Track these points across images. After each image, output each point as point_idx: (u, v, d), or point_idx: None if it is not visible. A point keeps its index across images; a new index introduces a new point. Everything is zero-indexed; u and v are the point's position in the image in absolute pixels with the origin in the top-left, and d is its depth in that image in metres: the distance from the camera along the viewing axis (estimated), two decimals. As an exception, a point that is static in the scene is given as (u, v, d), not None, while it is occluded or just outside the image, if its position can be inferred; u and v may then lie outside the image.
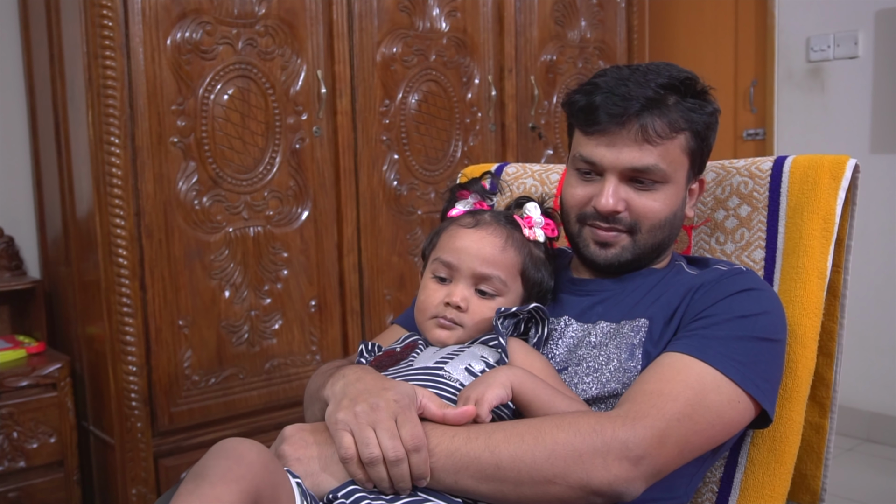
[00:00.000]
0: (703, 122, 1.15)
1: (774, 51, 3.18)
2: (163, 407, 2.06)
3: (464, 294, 1.08)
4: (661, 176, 1.13)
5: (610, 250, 1.17)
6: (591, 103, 1.14)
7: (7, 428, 2.02)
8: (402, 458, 0.90)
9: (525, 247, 1.13)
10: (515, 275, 1.11)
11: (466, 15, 2.54)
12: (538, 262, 1.14)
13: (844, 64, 2.97)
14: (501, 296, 1.10)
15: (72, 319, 2.23)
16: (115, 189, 1.94)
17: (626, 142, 1.12)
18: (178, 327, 2.07)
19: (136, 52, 1.96)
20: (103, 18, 1.90)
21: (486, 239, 1.10)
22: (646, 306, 1.14)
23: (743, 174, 1.33)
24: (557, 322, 1.18)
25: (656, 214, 1.15)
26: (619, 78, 1.14)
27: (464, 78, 2.56)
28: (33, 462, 2.05)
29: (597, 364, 1.10)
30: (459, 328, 1.08)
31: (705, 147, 1.19)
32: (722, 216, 1.34)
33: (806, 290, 1.19)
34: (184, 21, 2.02)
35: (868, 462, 2.80)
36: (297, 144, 2.23)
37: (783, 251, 1.25)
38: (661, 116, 1.12)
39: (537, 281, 1.14)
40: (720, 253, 1.33)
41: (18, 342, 2.20)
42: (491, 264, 1.09)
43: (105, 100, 1.92)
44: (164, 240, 2.03)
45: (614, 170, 1.13)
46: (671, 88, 1.14)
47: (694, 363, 1.01)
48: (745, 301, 1.08)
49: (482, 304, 1.09)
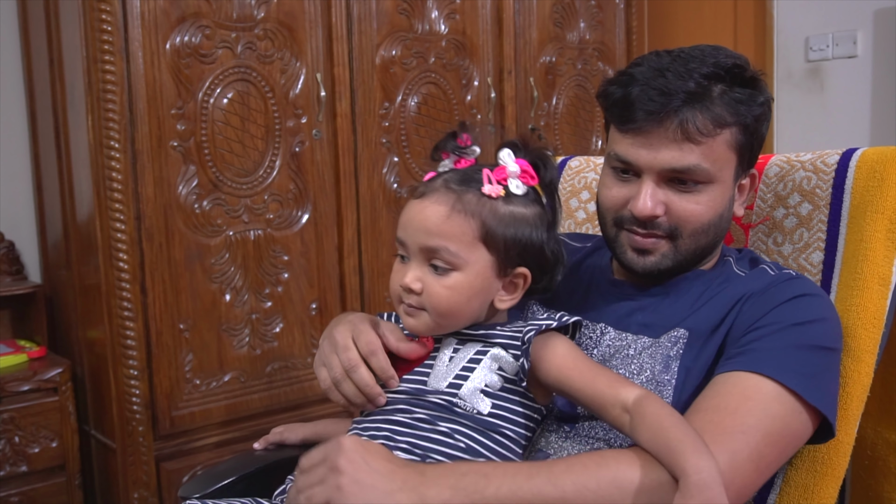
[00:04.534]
0: (752, 115, 1.04)
1: (773, 50, 3.18)
2: (164, 410, 2.06)
3: (416, 274, 0.96)
4: (704, 176, 1.03)
5: (649, 258, 1.07)
6: (627, 98, 1.03)
7: (8, 432, 2.02)
8: (355, 363, 0.96)
9: (482, 207, 0.95)
10: (472, 243, 0.95)
11: (465, 17, 2.54)
12: (510, 220, 0.96)
13: (843, 63, 2.97)
14: (458, 269, 0.95)
15: (73, 323, 2.23)
16: (115, 193, 1.94)
17: (664, 140, 1.01)
18: (178, 331, 2.07)
19: (136, 56, 1.96)
20: (102, 23, 1.90)
21: (430, 208, 0.96)
22: (687, 314, 1.06)
23: (807, 169, 1.21)
24: (594, 329, 1.10)
25: (699, 218, 1.04)
26: (657, 68, 1.03)
27: (463, 80, 2.56)
28: (35, 466, 2.05)
29: (628, 372, 1.03)
30: (424, 312, 0.97)
31: (756, 140, 1.07)
32: (781, 215, 1.22)
33: (864, 297, 1.07)
34: (183, 25, 2.03)
35: None
36: (297, 147, 2.23)
37: (843, 255, 1.14)
38: (703, 111, 1.01)
39: (517, 241, 0.96)
40: (777, 255, 1.22)
41: (19, 346, 2.20)
42: (435, 235, 0.95)
43: (105, 104, 1.92)
44: (165, 243, 2.03)
45: (652, 171, 1.03)
46: (716, 78, 1.02)
47: (751, 377, 0.93)
48: (798, 308, 1.00)
49: (438, 281, 0.95)
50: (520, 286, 0.99)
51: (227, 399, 2.16)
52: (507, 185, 0.96)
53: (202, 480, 1.21)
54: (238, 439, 2.14)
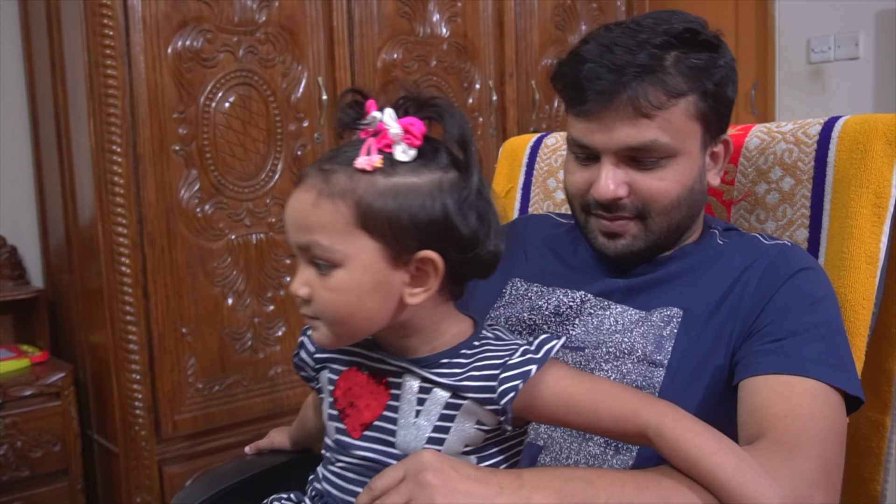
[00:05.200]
0: (712, 80, 0.98)
1: (775, 53, 3.18)
2: (166, 415, 2.06)
3: (303, 278, 0.80)
4: (664, 151, 0.98)
5: (619, 241, 1.02)
6: (576, 78, 0.98)
7: (11, 437, 2.01)
8: None
9: (355, 185, 0.77)
10: (348, 230, 0.77)
11: (467, 20, 2.54)
12: (392, 194, 0.77)
13: (845, 65, 2.97)
14: (339, 266, 0.78)
15: (75, 328, 2.23)
16: (117, 197, 1.94)
17: (617, 120, 0.96)
18: (181, 335, 2.07)
19: (138, 61, 1.96)
20: (104, 27, 1.90)
21: (297, 199, 0.80)
22: (680, 292, 1.01)
23: (789, 140, 1.15)
24: (574, 295, 1.06)
25: (665, 195, 0.99)
26: (605, 44, 0.97)
27: (465, 83, 2.56)
28: (37, 471, 2.05)
29: (618, 351, 0.99)
30: (320, 322, 0.81)
31: (721, 105, 1.01)
32: (763, 190, 1.16)
33: (852, 278, 1.03)
34: (184, 29, 2.03)
35: None
36: (299, 151, 2.23)
37: (828, 232, 1.09)
38: (654, 83, 0.95)
39: (407, 219, 0.77)
40: (760, 231, 1.16)
41: (22, 351, 2.20)
42: (304, 229, 0.79)
43: (106, 108, 1.92)
44: (167, 247, 2.03)
45: (609, 152, 0.98)
46: (668, 47, 0.97)
47: (796, 382, 0.88)
48: (805, 284, 0.96)
49: (322, 283, 0.79)
50: (430, 274, 0.80)
51: (230, 403, 2.16)
52: (392, 153, 0.78)
53: (198, 486, 1.18)
54: (241, 443, 2.14)
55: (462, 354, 0.83)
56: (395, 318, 0.82)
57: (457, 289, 0.85)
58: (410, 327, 0.83)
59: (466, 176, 0.80)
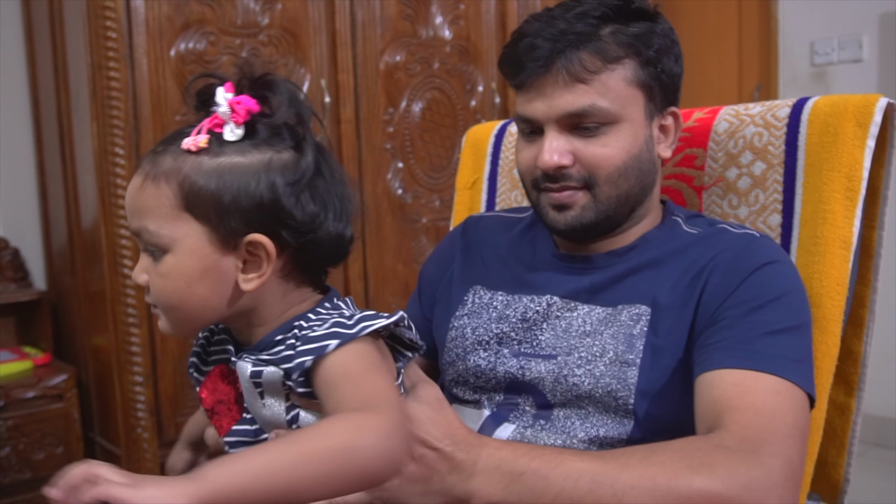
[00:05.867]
0: (651, 48, 0.98)
1: (778, 54, 3.18)
2: (169, 417, 2.06)
3: (141, 265, 0.78)
4: (604, 116, 0.97)
5: (568, 213, 1.01)
6: (514, 54, 0.99)
7: (14, 439, 2.02)
8: None
9: (180, 167, 0.74)
10: (173, 214, 0.75)
11: (469, 23, 2.54)
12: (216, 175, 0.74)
13: (849, 67, 2.96)
14: (168, 251, 0.75)
15: (77, 330, 2.23)
16: (119, 199, 1.95)
17: (555, 87, 0.97)
18: (183, 337, 2.07)
19: (140, 63, 1.96)
20: (107, 30, 1.90)
21: (131, 184, 0.78)
22: (646, 287, 1.00)
23: (758, 123, 1.13)
24: (540, 300, 1.05)
25: (610, 161, 0.98)
26: (546, 20, 0.98)
27: (467, 85, 2.56)
28: (39, 473, 2.05)
29: (590, 355, 0.98)
30: (160, 311, 0.79)
31: (664, 75, 1.01)
32: (734, 175, 1.14)
33: (826, 263, 1.02)
34: (187, 32, 2.03)
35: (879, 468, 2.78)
36: (302, 153, 2.23)
37: (800, 217, 1.07)
38: (590, 49, 0.96)
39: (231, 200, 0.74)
40: (733, 219, 1.15)
41: (25, 353, 2.20)
42: (134, 215, 0.77)
43: (109, 110, 1.93)
44: (169, 250, 2.03)
45: (550, 120, 0.98)
46: (605, 19, 0.97)
47: (757, 377, 0.88)
48: (772, 278, 0.95)
49: (156, 269, 0.76)
50: (263, 259, 0.76)
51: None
52: (222, 133, 0.76)
53: None
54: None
55: (295, 327, 0.78)
56: (233, 305, 0.78)
57: (309, 276, 0.82)
58: (257, 315, 0.80)
59: (301, 156, 0.77)
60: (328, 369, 0.73)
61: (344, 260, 0.83)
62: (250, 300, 0.78)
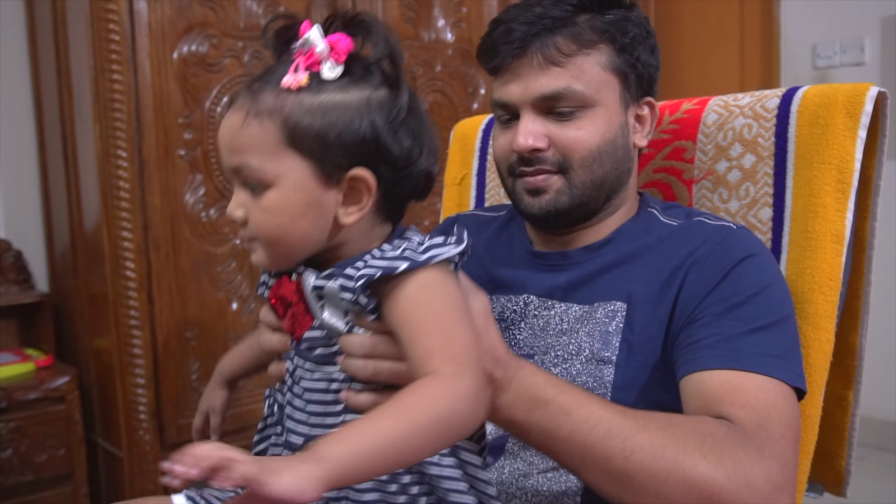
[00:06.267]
0: (626, 36, 1.00)
1: (780, 58, 3.18)
2: (171, 419, 2.06)
3: (238, 200, 0.79)
4: (579, 99, 0.98)
5: (543, 197, 1.01)
6: (490, 40, 1.01)
7: (15, 441, 2.02)
8: None
9: (282, 104, 0.76)
10: (277, 150, 0.76)
11: (472, 25, 2.55)
12: (320, 112, 0.76)
13: (851, 70, 2.97)
14: (271, 186, 0.77)
15: (80, 332, 2.23)
16: (122, 202, 1.95)
17: (529, 70, 0.98)
18: (185, 339, 2.07)
19: (143, 66, 1.96)
20: (110, 32, 1.91)
21: (228, 121, 0.79)
22: (622, 283, 1.00)
23: (747, 115, 1.12)
24: (517, 301, 1.05)
25: (584, 144, 0.99)
26: (524, 7, 1.00)
27: (469, 88, 2.56)
28: (41, 475, 2.05)
29: (566, 353, 0.99)
30: (257, 244, 0.81)
31: (639, 64, 1.02)
32: (724, 168, 1.13)
33: (818, 258, 1.01)
34: (190, 34, 2.03)
35: (879, 471, 2.77)
36: (304, 156, 2.23)
37: (791, 210, 1.06)
38: (564, 34, 0.97)
39: (336, 137, 0.76)
40: (724, 212, 1.13)
41: (27, 355, 2.20)
42: (234, 151, 0.78)
43: (112, 113, 1.93)
44: (172, 252, 2.04)
45: (525, 104, 0.99)
46: (581, 8, 0.99)
47: (745, 377, 0.88)
48: (751, 273, 0.94)
49: (257, 204, 0.78)
50: (363, 193, 0.79)
51: (234, 408, 2.15)
52: (320, 71, 0.77)
53: None
54: (245, 448, 2.14)
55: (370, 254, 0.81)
56: (331, 239, 0.81)
57: (393, 211, 0.85)
58: (344, 249, 0.82)
59: (396, 93, 0.80)
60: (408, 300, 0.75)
61: (427, 195, 0.85)
62: (343, 234, 0.81)
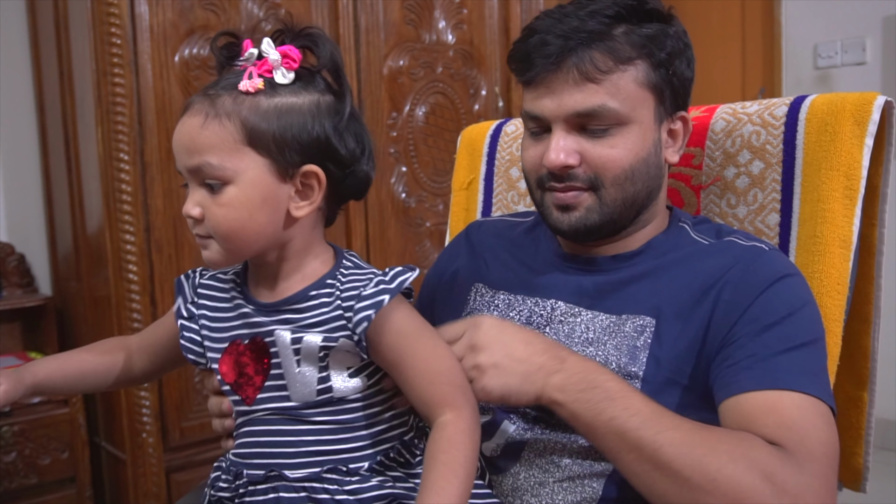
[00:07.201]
0: (663, 50, 0.97)
1: (782, 58, 3.17)
2: (174, 422, 2.06)
3: (195, 199, 0.84)
4: (614, 117, 0.95)
5: (573, 213, 0.99)
6: (525, 50, 0.98)
7: (19, 444, 2.02)
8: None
9: (240, 106, 0.83)
10: (236, 148, 0.83)
11: (473, 27, 2.55)
12: (275, 113, 0.83)
13: (852, 70, 2.96)
14: (230, 182, 0.83)
15: (83, 335, 2.23)
16: (124, 205, 1.95)
17: (565, 85, 0.95)
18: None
19: (145, 69, 1.97)
20: (112, 36, 1.91)
21: (186, 124, 0.85)
22: (649, 295, 0.98)
23: (755, 122, 1.13)
24: (544, 305, 1.04)
25: (617, 163, 0.97)
26: (558, 17, 0.97)
27: (471, 90, 2.56)
28: (45, 478, 2.06)
29: None
30: (212, 241, 0.85)
31: (675, 78, 0.99)
32: (732, 174, 1.14)
33: (826, 262, 1.02)
34: (192, 37, 2.03)
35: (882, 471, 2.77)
36: (306, 158, 2.23)
37: (799, 216, 1.07)
38: (602, 49, 0.94)
39: (290, 135, 0.83)
40: (732, 218, 1.15)
41: (30, 359, 2.20)
42: (194, 151, 0.83)
43: (114, 116, 1.93)
44: (174, 255, 2.04)
45: (558, 119, 0.97)
46: (618, 18, 0.96)
47: (781, 396, 0.86)
48: (784, 294, 0.93)
49: (215, 200, 0.83)
50: (314, 188, 0.86)
51: (237, 410, 2.16)
52: (273, 77, 0.85)
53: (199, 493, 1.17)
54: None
55: (328, 285, 0.88)
56: (281, 234, 0.87)
57: (332, 211, 0.93)
58: (289, 249, 0.89)
59: (342, 99, 0.87)
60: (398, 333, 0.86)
61: (365, 195, 0.93)
62: (291, 230, 0.88)
